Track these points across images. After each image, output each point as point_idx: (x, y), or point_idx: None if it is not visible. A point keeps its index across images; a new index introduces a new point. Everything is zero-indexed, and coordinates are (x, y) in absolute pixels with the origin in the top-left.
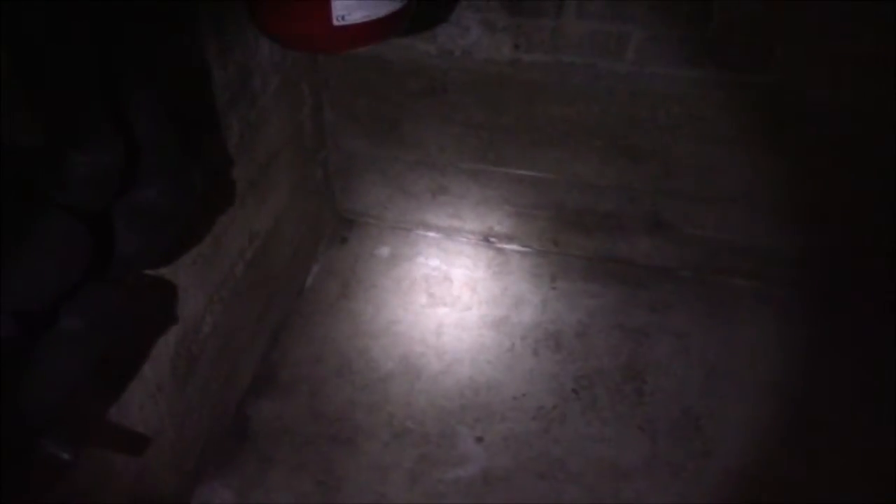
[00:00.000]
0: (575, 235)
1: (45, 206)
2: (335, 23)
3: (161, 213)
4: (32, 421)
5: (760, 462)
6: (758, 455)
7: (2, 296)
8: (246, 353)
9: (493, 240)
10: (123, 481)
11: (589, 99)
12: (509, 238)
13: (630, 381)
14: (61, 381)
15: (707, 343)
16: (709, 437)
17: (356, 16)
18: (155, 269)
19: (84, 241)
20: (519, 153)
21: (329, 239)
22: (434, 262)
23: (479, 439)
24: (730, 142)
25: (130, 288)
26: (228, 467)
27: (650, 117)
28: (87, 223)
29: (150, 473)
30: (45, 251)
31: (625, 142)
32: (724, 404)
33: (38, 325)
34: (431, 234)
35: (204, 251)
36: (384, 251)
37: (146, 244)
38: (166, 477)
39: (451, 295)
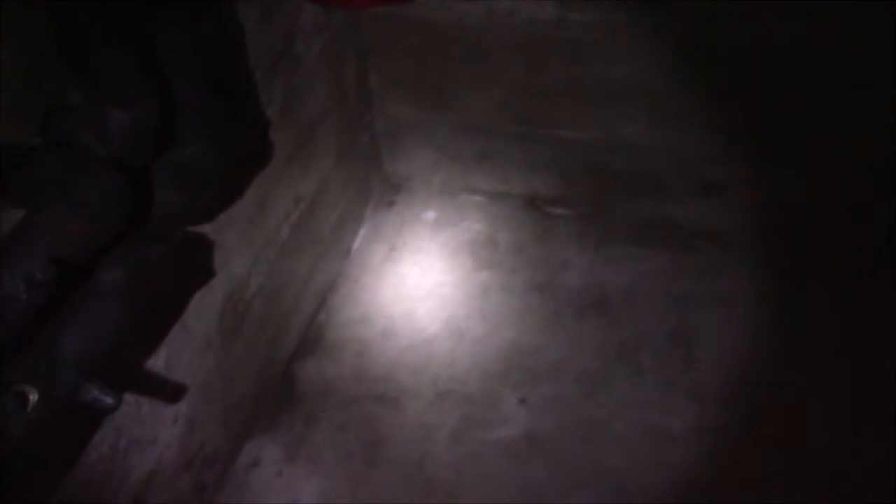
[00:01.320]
0: (621, 198)
1: (88, 160)
2: None
3: (201, 172)
4: (77, 366)
5: (809, 431)
6: (807, 424)
7: (45, 243)
8: (292, 314)
9: (538, 203)
10: (173, 433)
11: (636, 58)
12: (555, 202)
13: (677, 347)
14: (104, 329)
15: (755, 310)
16: (756, 406)
17: None
18: (195, 225)
19: (125, 193)
20: (564, 115)
21: (376, 202)
22: (479, 226)
23: (523, 401)
24: (781, 102)
25: (170, 242)
26: (276, 425)
27: (699, 77)
28: (128, 177)
29: (199, 427)
30: (87, 202)
31: (673, 103)
32: (772, 372)
33: (80, 276)
34: (477, 197)
35: (248, 212)
36: (430, 215)
37: (186, 201)
38: (215, 431)
39: (496, 258)
